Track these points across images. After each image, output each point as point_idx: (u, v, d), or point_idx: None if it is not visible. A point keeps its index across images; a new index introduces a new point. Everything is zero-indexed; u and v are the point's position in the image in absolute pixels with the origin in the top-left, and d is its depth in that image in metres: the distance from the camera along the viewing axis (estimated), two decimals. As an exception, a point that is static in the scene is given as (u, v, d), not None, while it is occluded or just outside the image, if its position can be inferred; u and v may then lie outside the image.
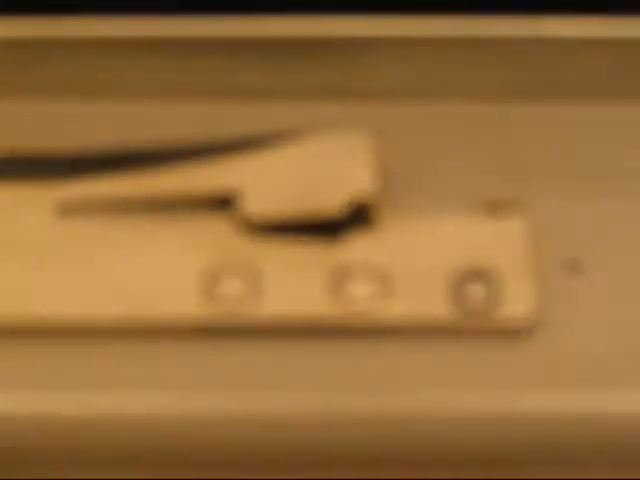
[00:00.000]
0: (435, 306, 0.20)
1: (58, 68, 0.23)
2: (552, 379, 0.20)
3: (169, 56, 0.23)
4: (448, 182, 0.22)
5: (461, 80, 0.23)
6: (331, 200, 0.21)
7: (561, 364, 0.20)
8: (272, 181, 0.21)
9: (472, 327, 0.20)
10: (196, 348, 0.20)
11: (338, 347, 0.20)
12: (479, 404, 0.20)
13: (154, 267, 0.20)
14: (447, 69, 0.23)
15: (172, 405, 0.20)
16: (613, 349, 0.20)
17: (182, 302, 0.20)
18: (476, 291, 0.20)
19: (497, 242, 0.21)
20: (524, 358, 0.20)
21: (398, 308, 0.20)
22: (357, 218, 0.21)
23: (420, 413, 0.19)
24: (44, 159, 0.22)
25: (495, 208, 0.21)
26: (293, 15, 0.22)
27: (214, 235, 0.21)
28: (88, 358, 0.20)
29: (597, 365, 0.20)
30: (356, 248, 0.21)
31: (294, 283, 0.20)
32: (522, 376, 0.20)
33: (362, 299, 0.20)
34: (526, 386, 0.20)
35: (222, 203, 0.21)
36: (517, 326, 0.20)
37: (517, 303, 0.20)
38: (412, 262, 0.20)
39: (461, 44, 0.23)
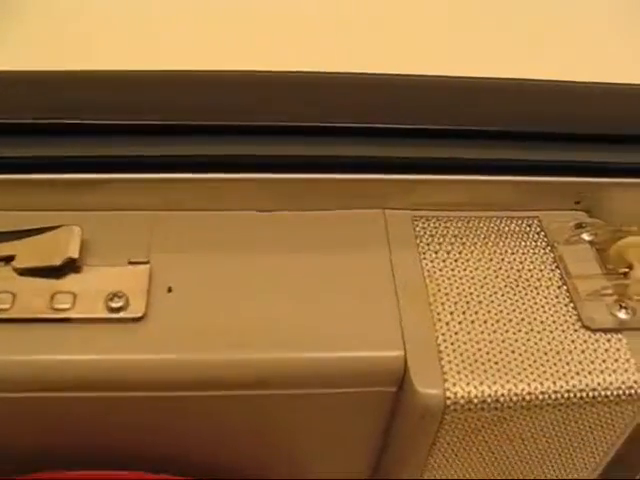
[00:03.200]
0: (98, 310, 0.41)
1: None
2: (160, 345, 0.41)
3: None
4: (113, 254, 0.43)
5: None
6: (57, 258, 0.42)
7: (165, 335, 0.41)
8: (31, 250, 0.43)
9: (114, 320, 0.41)
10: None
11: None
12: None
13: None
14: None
15: None
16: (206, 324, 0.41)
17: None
18: (117, 302, 0.41)
19: (132, 278, 0.42)
20: (143, 333, 0.41)
21: (82, 310, 0.41)
22: (69, 266, 0.42)
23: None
24: None
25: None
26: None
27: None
28: None
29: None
30: (68, 281, 0.42)
31: (33, 299, 0.41)
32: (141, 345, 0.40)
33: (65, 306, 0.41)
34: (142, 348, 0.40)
35: (8, 259, 0.43)
36: (136, 317, 0.41)
37: (137, 306, 0.41)
38: (89, 288, 0.41)
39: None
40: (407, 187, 0.46)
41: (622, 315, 0.43)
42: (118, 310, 0.41)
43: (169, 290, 0.42)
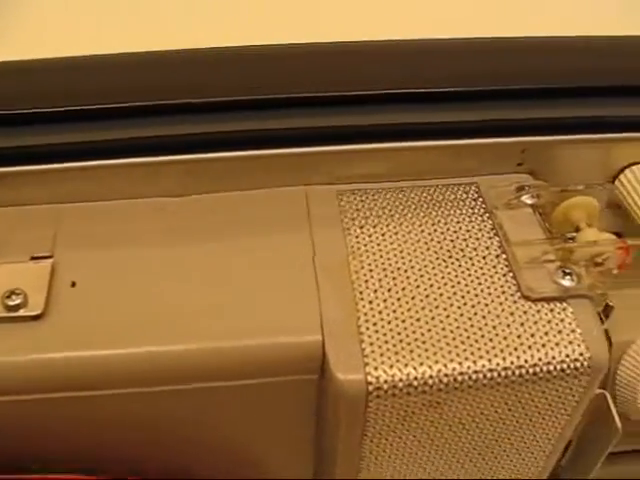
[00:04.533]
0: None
1: None
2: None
3: None
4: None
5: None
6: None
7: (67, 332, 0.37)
8: None
9: (11, 319, 0.37)
10: None
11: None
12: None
13: None
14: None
15: None
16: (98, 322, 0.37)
17: None
18: (14, 300, 0.38)
19: (33, 274, 0.39)
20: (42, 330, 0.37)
21: None
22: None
23: None
24: None
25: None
26: None
27: None
28: None
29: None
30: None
31: None
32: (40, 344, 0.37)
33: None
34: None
35: None
36: (34, 314, 0.37)
37: (36, 303, 0.38)
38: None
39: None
40: (329, 159, 0.42)
41: (566, 282, 0.39)
42: (16, 308, 0.38)
43: (73, 285, 0.39)
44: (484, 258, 0.40)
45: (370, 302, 0.38)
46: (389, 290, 0.39)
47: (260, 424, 0.41)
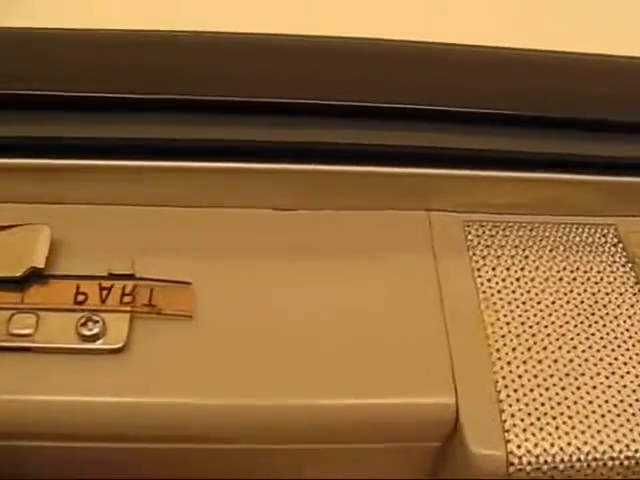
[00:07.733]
0: (67, 338, 0.30)
1: None
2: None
3: None
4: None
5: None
6: (17, 267, 0.31)
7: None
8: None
9: (86, 351, 0.30)
10: None
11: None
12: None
13: None
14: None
15: None
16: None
17: None
18: (91, 328, 0.30)
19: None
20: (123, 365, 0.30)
21: (46, 337, 0.30)
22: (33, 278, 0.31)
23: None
24: None
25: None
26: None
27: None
28: None
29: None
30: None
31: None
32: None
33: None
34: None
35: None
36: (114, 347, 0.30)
37: (116, 334, 0.30)
38: (57, 307, 0.30)
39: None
40: (458, 184, 0.35)
41: None
42: (92, 339, 0.30)
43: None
44: (630, 318, 0.34)
45: (508, 363, 0.32)
46: (529, 350, 0.32)
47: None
